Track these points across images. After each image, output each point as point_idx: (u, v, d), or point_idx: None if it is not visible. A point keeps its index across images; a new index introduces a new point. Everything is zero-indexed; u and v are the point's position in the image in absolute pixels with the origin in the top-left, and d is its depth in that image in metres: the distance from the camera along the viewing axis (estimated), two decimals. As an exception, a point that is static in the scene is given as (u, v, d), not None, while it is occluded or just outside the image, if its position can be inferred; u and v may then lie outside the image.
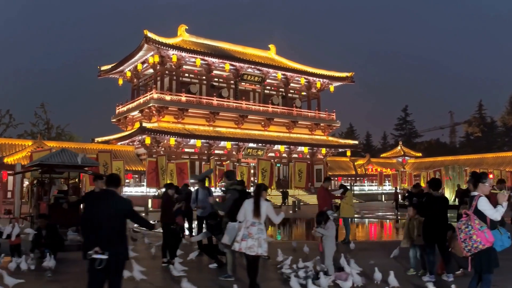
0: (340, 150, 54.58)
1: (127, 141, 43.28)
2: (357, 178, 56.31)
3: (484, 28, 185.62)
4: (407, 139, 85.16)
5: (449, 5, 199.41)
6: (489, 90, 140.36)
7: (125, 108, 46.32)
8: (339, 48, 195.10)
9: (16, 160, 31.71)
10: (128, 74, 47.73)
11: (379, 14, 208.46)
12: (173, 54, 41.83)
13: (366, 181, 54.90)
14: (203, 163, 32.00)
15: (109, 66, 48.18)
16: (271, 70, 48.30)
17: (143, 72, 46.79)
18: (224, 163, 41.87)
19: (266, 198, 10.01)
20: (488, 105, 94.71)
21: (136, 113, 43.99)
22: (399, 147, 65.72)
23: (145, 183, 34.44)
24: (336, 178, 56.53)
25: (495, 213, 5.36)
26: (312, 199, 35.39)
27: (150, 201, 31.75)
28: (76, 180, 17.04)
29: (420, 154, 66.27)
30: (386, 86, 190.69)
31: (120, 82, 49.18)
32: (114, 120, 48.24)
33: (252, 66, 47.07)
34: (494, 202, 5.51)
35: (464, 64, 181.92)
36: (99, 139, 46.93)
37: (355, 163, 58.28)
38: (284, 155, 48.28)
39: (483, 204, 5.38)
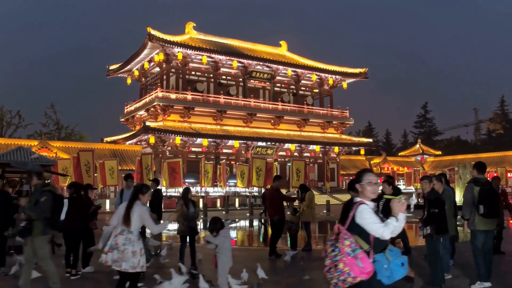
0: (355, 148, 53.03)
1: (134, 140, 42.89)
2: (373, 177, 54.59)
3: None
4: (427, 137, 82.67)
5: (450, 5, 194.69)
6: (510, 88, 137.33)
7: (132, 108, 45.98)
8: (353, 49, 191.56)
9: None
10: (136, 73, 47.37)
11: (392, 14, 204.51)
12: (178, 51, 41.15)
13: (381, 181, 53.19)
14: (205, 162, 31.15)
15: (117, 66, 47.91)
16: (281, 67, 47.12)
17: (150, 71, 46.34)
18: (232, 162, 41.22)
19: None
20: (510, 101, 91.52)
21: (142, 112, 43.57)
22: (417, 145, 63.67)
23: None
24: (350, 177, 55.18)
25: (381, 229, 3.57)
26: (322, 199, 34.17)
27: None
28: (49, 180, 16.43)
29: (439, 152, 64.00)
30: (407, 85, 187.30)
31: (129, 81, 48.89)
32: (122, 119, 47.97)
33: (261, 63, 45.92)
34: None
35: (471, 65, 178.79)
36: (108, 139, 46.72)
37: (371, 162, 56.53)
38: (296, 154, 47.00)
39: (364, 215, 3.65)
